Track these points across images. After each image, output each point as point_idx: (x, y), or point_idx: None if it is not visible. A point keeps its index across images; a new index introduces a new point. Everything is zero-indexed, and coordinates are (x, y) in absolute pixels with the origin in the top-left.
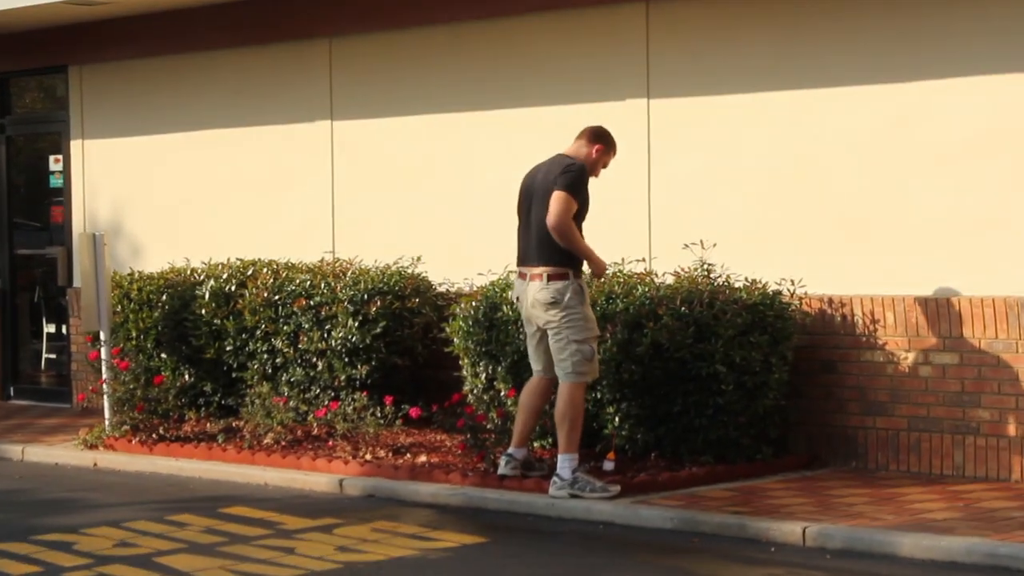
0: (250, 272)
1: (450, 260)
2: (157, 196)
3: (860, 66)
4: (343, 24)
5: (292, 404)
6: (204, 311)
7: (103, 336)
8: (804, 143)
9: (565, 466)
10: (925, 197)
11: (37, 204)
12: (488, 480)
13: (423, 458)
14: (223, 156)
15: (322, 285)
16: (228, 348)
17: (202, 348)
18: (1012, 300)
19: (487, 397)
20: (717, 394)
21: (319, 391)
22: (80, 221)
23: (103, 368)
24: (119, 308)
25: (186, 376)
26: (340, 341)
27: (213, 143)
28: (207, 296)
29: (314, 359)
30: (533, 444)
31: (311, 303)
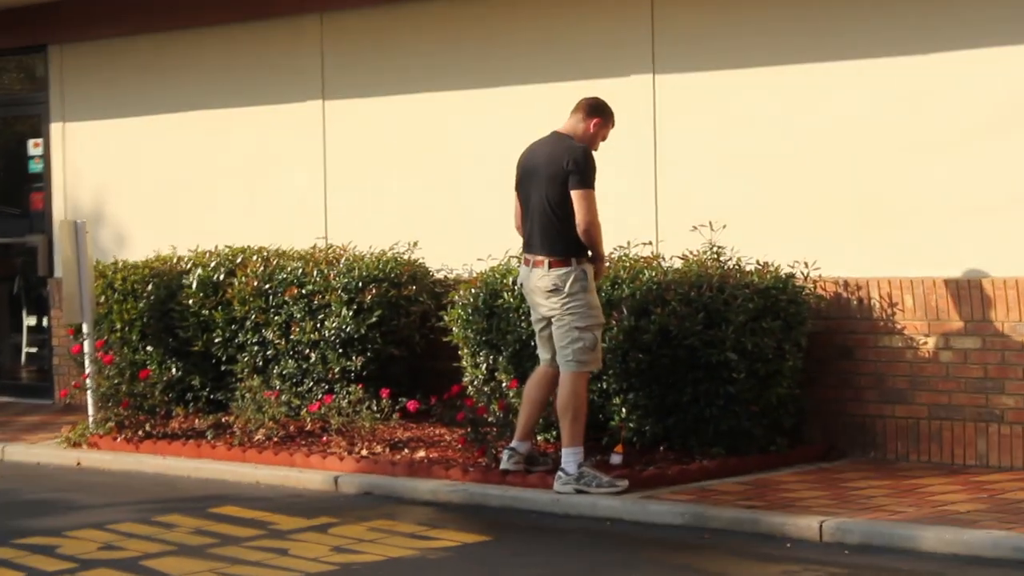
0: (239, 260)
1: (448, 245)
2: (142, 181)
3: (876, 38)
4: None
5: (284, 398)
6: (191, 301)
7: (86, 328)
8: (818, 119)
9: (570, 460)
10: (944, 174)
11: (16, 190)
12: (490, 476)
13: (421, 453)
14: (210, 138)
15: (315, 273)
16: (217, 340)
17: (189, 340)
18: None
19: (488, 389)
20: (728, 383)
21: (312, 384)
22: (61, 208)
23: (86, 362)
24: (102, 299)
25: (173, 370)
26: (334, 331)
27: (199, 125)
28: (194, 285)
29: (307, 351)
30: (537, 438)
31: (303, 292)
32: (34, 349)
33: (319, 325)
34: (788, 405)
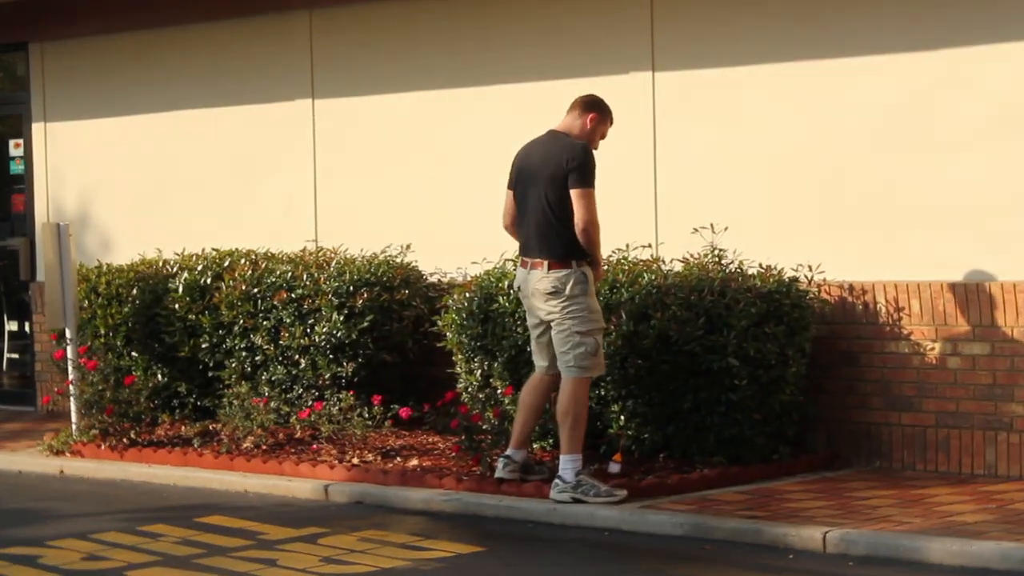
0: (227, 263)
1: (442, 248)
2: (126, 182)
3: (882, 34)
4: None
5: (273, 405)
6: (178, 306)
7: (69, 333)
8: (822, 118)
9: (568, 467)
10: (952, 175)
11: None
12: (484, 485)
13: (414, 462)
14: (197, 138)
15: (304, 277)
16: (204, 345)
17: (176, 346)
18: None
19: (483, 395)
20: (730, 389)
21: (302, 391)
22: (43, 210)
23: (69, 368)
24: (86, 303)
25: (159, 376)
26: (324, 337)
27: (186, 124)
28: (181, 289)
29: (296, 356)
30: (533, 446)
31: (293, 296)
32: (16, 355)
33: (309, 330)
34: (791, 412)
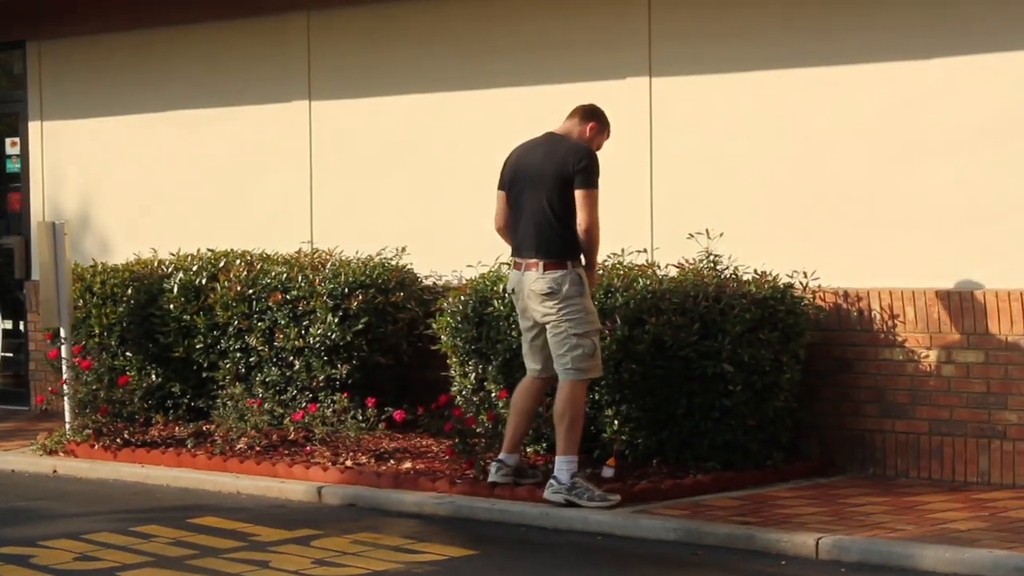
0: (222, 264)
1: (437, 251)
2: (122, 181)
3: (875, 43)
4: None
5: (267, 406)
6: (172, 306)
7: (63, 333)
8: (817, 125)
9: (563, 469)
10: (947, 182)
11: None
12: (478, 488)
13: (408, 464)
14: (193, 139)
15: (299, 278)
16: (198, 346)
17: (170, 346)
18: None
19: (477, 399)
20: (724, 395)
21: (296, 392)
22: (39, 209)
23: (63, 367)
24: (81, 303)
25: (153, 376)
26: (319, 338)
27: (182, 125)
28: (176, 290)
29: (291, 358)
30: (526, 449)
31: (287, 297)
32: (10, 354)
33: (304, 332)
34: (785, 419)
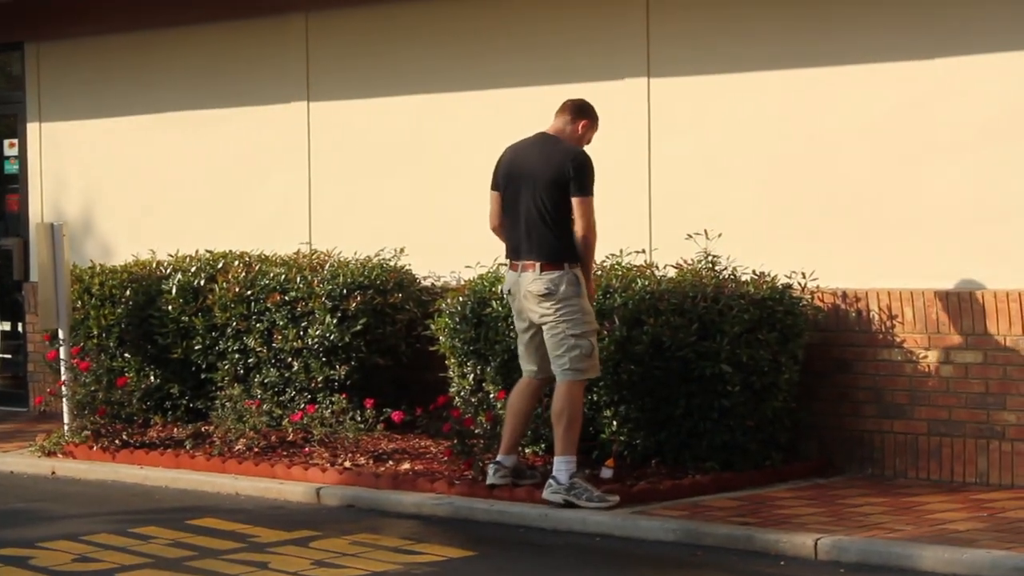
0: (220, 265)
1: (436, 252)
2: (120, 183)
3: (875, 43)
4: None
5: (266, 407)
6: (171, 307)
7: (62, 334)
8: (816, 126)
9: (562, 469)
10: (946, 183)
11: None
12: (476, 489)
13: (406, 465)
14: (191, 140)
15: (298, 279)
16: (197, 347)
17: (169, 347)
18: None
19: (475, 400)
20: (722, 396)
21: (295, 393)
22: (38, 210)
23: (62, 369)
24: (79, 304)
25: (151, 377)
26: (317, 339)
27: (181, 126)
28: (174, 291)
29: (289, 359)
30: (524, 450)
31: (286, 298)
32: (8, 355)
33: (302, 333)
34: (784, 419)
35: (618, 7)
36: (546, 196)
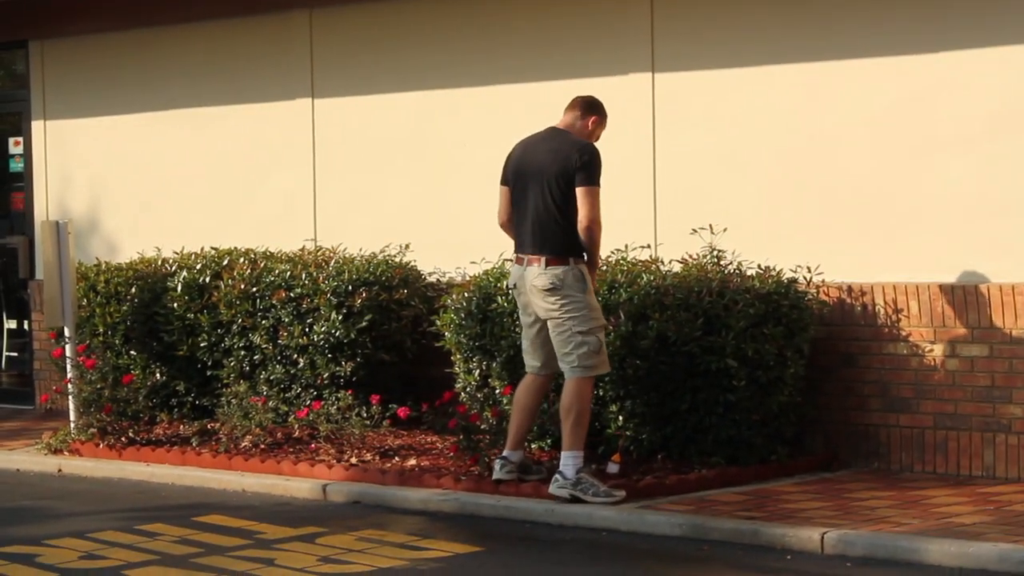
0: (226, 262)
1: (441, 248)
2: (125, 180)
3: (880, 37)
4: None
5: (271, 404)
6: (176, 304)
7: (68, 332)
8: (821, 120)
9: (569, 464)
10: (951, 177)
11: None
12: (482, 485)
13: (412, 461)
14: (196, 137)
15: (303, 276)
16: (202, 344)
17: (174, 344)
18: None
19: (481, 395)
20: (728, 390)
21: (300, 390)
22: (43, 208)
23: (68, 366)
24: (85, 302)
25: (157, 375)
26: (323, 336)
27: (185, 123)
28: (180, 288)
29: (295, 355)
30: (530, 445)
31: (291, 295)
32: (15, 353)
33: (308, 329)
34: (790, 414)
35: (622, 3)
36: (554, 190)
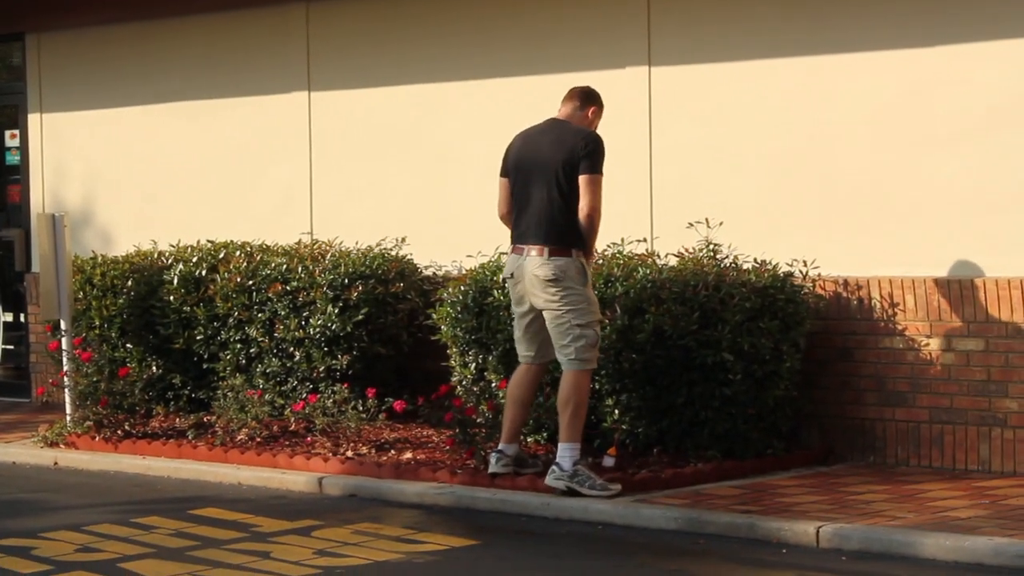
0: (222, 255)
1: (437, 241)
2: (122, 173)
3: (876, 30)
4: None
5: (268, 397)
6: (172, 297)
7: (64, 325)
8: (817, 114)
9: (566, 456)
10: (947, 171)
11: None
12: (478, 478)
13: (408, 455)
14: (193, 130)
15: (299, 269)
16: (199, 337)
17: (170, 337)
18: None
19: (477, 389)
20: (724, 384)
21: (296, 383)
22: (39, 201)
23: (64, 359)
24: (81, 295)
25: (153, 368)
26: (319, 329)
27: (182, 116)
28: (176, 281)
29: (291, 349)
30: (526, 439)
31: (287, 288)
32: (11, 346)
33: (304, 323)
34: (785, 407)
35: None
36: (560, 181)
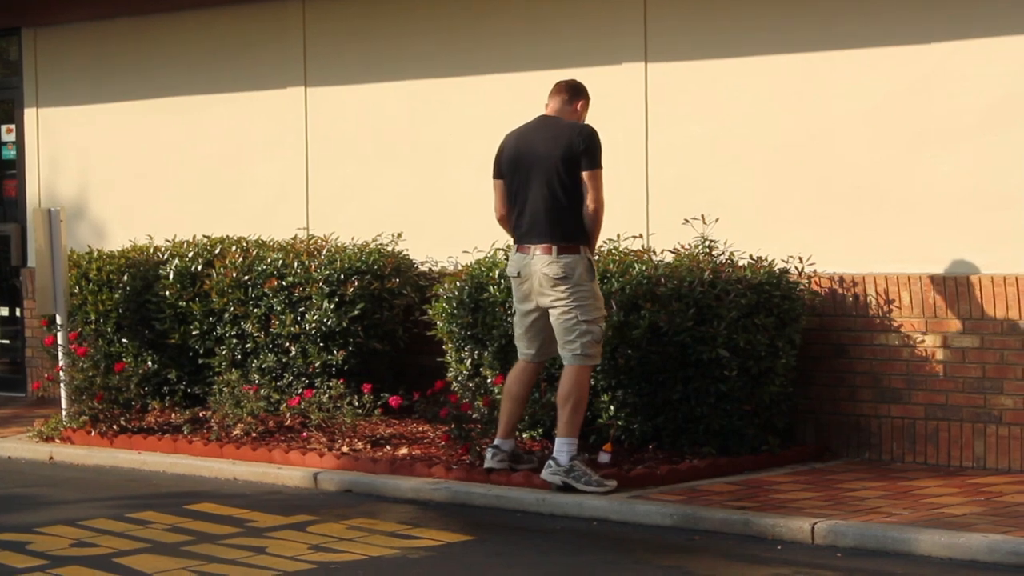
0: (218, 250)
1: (433, 237)
2: (118, 168)
3: (873, 27)
4: None
5: (263, 392)
6: (168, 292)
7: (59, 320)
8: (814, 111)
9: (563, 450)
10: (943, 168)
11: None
12: (474, 474)
13: (404, 450)
14: (189, 125)
15: (295, 264)
16: (194, 332)
17: (166, 332)
18: None
19: (472, 384)
20: (720, 381)
21: (292, 378)
22: (35, 196)
23: (60, 354)
24: (77, 289)
25: (149, 363)
26: (315, 325)
27: (178, 111)
28: (171, 276)
29: (287, 344)
30: (522, 435)
31: (283, 284)
32: (6, 341)
33: (299, 318)
34: (781, 404)
35: None
36: (560, 177)
